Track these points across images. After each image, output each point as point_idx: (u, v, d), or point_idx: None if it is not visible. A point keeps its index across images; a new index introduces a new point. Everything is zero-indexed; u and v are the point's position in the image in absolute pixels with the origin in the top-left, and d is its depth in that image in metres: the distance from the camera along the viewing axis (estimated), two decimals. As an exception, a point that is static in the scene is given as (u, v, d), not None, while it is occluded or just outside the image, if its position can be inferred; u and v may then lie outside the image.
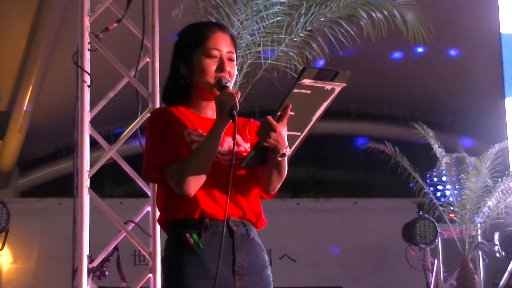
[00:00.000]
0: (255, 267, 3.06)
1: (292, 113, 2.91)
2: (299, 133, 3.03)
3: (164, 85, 3.27)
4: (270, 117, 2.90)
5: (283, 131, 2.91)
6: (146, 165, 3.06)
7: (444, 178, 8.90)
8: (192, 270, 2.96)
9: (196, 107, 3.16)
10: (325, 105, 2.97)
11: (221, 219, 2.94)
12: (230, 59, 3.14)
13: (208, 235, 2.98)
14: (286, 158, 3.01)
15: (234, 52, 3.17)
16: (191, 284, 2.94)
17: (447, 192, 8.88)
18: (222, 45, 3.13)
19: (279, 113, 2.90)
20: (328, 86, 2.90)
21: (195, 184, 2.95)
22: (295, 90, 2.86)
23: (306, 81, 2.85)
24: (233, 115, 2.92)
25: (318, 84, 2.88)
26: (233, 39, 3.21)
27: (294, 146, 3.05)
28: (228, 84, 3.05)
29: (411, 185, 8.96)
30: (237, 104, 2.94)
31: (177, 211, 3.02)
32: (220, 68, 3.10)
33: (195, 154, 2.97)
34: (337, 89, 2.93)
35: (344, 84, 2.93)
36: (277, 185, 3.10)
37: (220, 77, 3.07)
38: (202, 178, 2.96)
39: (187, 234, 2.98)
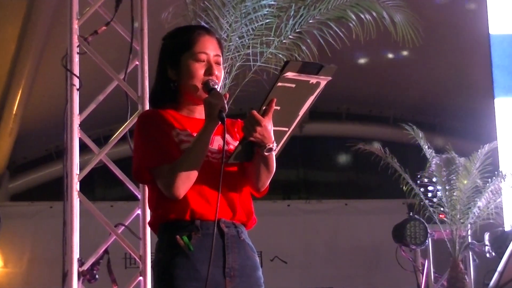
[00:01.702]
0: (246, 268, 3.07)
1: (278, 108, 2.89)
2: (286, 129, 3.02)
3: (152, 89, 3.28)
4: (255, 111, 2.89)
5: (269, 125, 2.90)
6: (136, 166, 3.07)
7: (434, 179, 8.90)
8: (183, 272, 2.96)
9: (185, 110, 3.17)
10: (311, 99, 2.96)
11: (212, 219, 2.94)
12: (217, 63, 3.15)
13: (199, 237, 2.98)
14: (273, 153, 3.00)
15: (221, 55, 3.19)
16: (181, 286, 2.95)
17: (437, 193, 8.88)
18: (210, 48, 3.14)
19: (264, 108, 2.89)
20: (313, 80, 2.89)
21: (184, 186, 2.95)
22: (279, 84, 2.84)
23: (290, 74, 2.83)
24: (222, 117, 2.93)
25: (302, 77, 2.86)
26: (220, 43, 3.23)
27: (282, 142, 3.05)
28: (216, 86, 3.06)
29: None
30: (226, 105, 2.95)
31: (169, 211, 3.02)
32: (209, 71, 3.11)
33: (185, 156, 2.97)
34: (323, 83, 2.92)
35: (329, 78, 2.91)
36: (266, 181, 3.09)
37: (207, 79, 3.07)
38: (192, 179, 2.96)
39: (178, 236, 2.98)
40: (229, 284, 3.01)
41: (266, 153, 2.96)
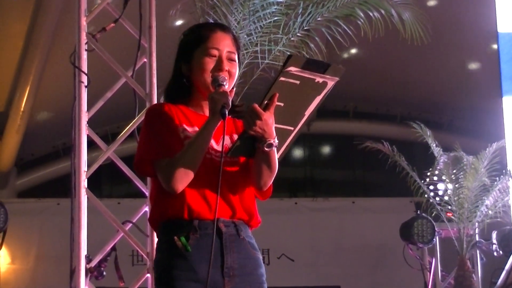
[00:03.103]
0: (247, 267, 3.03)
1: (281, 104, 2.84)
2: (292, 128, 2.96)
3: (166, 84, 3.28)
4: (255, 105, 2.85)
5: (270, 120, 2.86)
6: (138, 157, 3.06)
7: (440, 177, 8.90)
8: (181, 273, 2.94)
9: (197, 106, 3.16)
10: (318, 99, 2.89)
11: (210, 218, 2.93)
12: (231, 59, 3.13)
13: (197, 238, 2.96)
14: (275, 150, 2.96)
15: (236, 52, 3.16)
16: (180, 287, 2.94)
17: (444, 191, 8.88)
18: (222, 44, 3.12)
19: (265, 102, 2.84)
20: (319, 79, 2.83)
21: (182, 180, 2.94)
22: (282, 78, 2.79)
23: (293, 69, 2.77)
24: (223, 113, 2.89)
25: (307, 74, 2.80)
26: (235, 40, 3.20)
27: (287, 142, 3.00)
28: (225, 83, 3.03)
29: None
30: (229, 102, 2.92)
31: (167, 207, 3.01)
32: (218, 66, 3.08)
33: (185, 150, 2.96)
34: (330, 83, 2.86)
35: (337, 79, 2.85)
36: (267, 180, 3.05)
37: (216, 75, 3.06)
38: (191, 174, 2.94)
39: (175, 237, 2.97)
40: (228, 284, 2.98)
41: (266, 149, 2.92)
